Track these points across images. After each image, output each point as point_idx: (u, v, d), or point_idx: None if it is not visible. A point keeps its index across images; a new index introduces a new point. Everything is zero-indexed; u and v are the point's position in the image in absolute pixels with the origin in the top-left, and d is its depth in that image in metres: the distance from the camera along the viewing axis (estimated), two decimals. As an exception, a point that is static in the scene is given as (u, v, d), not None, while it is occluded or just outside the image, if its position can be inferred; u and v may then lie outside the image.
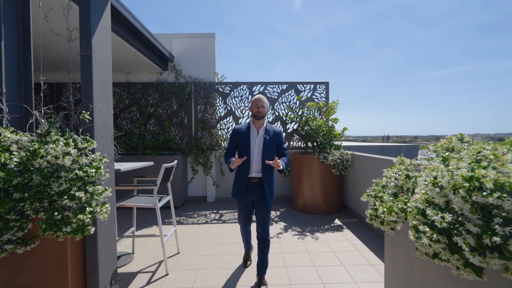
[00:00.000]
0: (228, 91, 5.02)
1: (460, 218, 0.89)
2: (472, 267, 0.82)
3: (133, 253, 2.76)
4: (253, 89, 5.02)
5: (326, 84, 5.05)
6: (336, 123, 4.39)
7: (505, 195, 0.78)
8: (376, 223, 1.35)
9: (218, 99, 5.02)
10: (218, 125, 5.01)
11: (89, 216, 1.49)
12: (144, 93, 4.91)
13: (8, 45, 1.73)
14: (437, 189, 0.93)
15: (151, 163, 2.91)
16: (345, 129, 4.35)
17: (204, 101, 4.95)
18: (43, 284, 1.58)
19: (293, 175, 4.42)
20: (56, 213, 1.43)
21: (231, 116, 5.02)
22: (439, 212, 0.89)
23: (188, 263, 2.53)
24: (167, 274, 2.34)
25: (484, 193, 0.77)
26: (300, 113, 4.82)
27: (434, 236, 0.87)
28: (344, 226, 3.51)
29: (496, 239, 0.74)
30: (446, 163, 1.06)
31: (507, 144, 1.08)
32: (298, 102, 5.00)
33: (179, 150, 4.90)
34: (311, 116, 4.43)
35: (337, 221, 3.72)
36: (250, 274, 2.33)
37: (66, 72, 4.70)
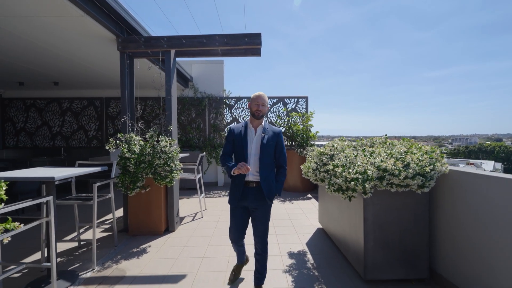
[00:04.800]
0: (233, 103, 6.75)
1: (319, 166, 2.61)
2: (321, 180, 2.55)
3: (177, 209, 4.48)
4: (252, 102, 6.74)
5: (306, 98, 6.79)
6: (311, 127, 6.12)
7: (327, 154, 2.50)
8: (305, 176, 3.07)
9: (225, 109, 6.75)
10: (226, 128, 6.73)
11: (175, 175, 3.22)
12: (171, 105, 6.62)
13: (128, 93, 3.46)
14: (316, 156, 2.66)
15: (188, 154, 4.62)
16: (317, 132, 6.08)
17: (215, 111, 6.68)
18: (151, 207, 3.31)
19: (280, 165, 6.13)
20: (162, 173, 3.16)
21: (235, 122, 6.75)
22: (314, 164, 2.62)
23: (213, 213, 4.26)
24: (202, 217, 4.07)
25: (323, 155, 2.49)
26: (286, 120, 6.54)
27: (312, 171, 2.60)
28: (312, 198, 5.25)
29: (322, 168, 2.47)
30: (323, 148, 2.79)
31: (356, 142, 2.82)
32: (285, 112, 6.73)
33: (197, 147, 6.62)
34: (293, 123, 6.16)
35: (309, 195, 5.46)
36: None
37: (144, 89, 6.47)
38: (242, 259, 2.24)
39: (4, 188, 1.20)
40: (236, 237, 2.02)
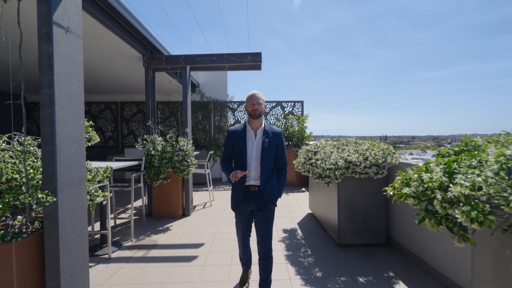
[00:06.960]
0: (235, 107, 7.47)
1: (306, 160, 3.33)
2: (307, 171, 3.27)
3: (189, 200, 5.20)
4: (253, 105, 7.47)
5: (302, 102, 7.52)
6: (306, 129, 6.85)
7: (312, 151, 3.23)
8: (297, 169, 3.79)
9: (229, 112, 7.48)
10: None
11: (191, 168, 3.95)
12: (179, 108, 7.35)
13: (151, 101, 4.19)
14: (304, 153, 3.38)
15: (198, 152, 5.35)
16: (311, 133, 6.82)
17: (219, 114, 7.41)
18: (171, 195, 4.04)
19: (278, 162, 6.87)
20: (181, 167, 3.89)
21: (238, 124, 7.48)
22: (303, 159, 3.34)
23: (220, 203, 5.00)
24: (211, 206, 4.80)
25: (309, 152, 3.22)
26: (283, 122, 7.27)
27: (301, 165, 3.32)
28: (306, 191, 5.98)
29: (308, 161, 3.19)
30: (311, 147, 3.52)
31: (339, 142, 3.55)
32: (283, 115, 7.46)
33: (203, 146, 7.35)
34: (290, 124, 6.88)
35: (303, 189, 6.19)
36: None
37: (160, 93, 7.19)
38: (248, 263, 2.15)
39: (109, 171, 1.92)
40: (243, 233, 2.00)
